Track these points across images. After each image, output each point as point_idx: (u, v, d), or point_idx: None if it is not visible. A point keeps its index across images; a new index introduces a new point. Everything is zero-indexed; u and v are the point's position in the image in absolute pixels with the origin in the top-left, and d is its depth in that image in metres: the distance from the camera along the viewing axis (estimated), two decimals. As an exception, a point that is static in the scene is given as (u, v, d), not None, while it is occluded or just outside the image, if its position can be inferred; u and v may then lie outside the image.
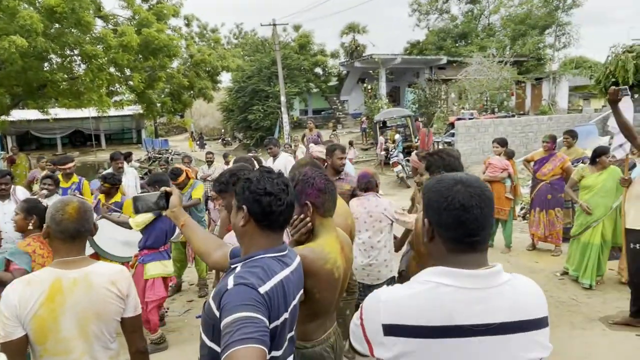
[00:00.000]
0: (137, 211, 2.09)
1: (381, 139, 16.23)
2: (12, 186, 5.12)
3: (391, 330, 1.16)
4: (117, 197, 5.05)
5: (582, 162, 6.28)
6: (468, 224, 1.18)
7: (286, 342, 1.56)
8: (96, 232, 2.02)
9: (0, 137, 24.60)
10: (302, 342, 1.95)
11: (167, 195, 2.08)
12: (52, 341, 1.73)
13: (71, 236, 1.82)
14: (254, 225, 1.53)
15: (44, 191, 4.89)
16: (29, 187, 7.02)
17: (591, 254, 5.15)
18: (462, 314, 1.14)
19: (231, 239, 2.02)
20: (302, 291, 1.71)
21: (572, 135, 6.84)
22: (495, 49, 23.73)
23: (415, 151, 6.82)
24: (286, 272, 1.53)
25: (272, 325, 1.39)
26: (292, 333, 1.63)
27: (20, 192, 5.32)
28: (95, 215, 4.54)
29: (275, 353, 1.47)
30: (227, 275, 1.45)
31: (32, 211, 2.90)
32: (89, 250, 4.50)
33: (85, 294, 1.78)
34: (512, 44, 26.85)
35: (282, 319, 1.45)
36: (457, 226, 1.19)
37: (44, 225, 1.86)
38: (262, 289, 1.37)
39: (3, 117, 14.87)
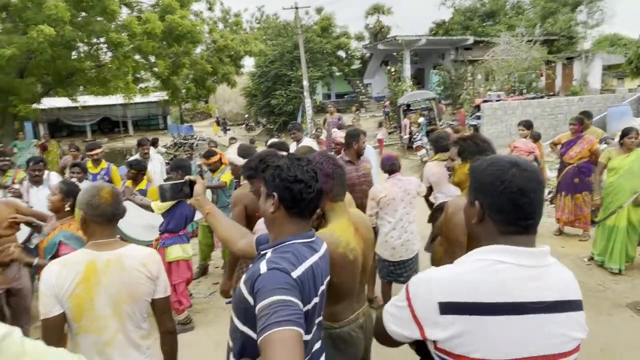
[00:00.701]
0: (163, 199, 2.13)
1: (405, 121, 16.04)
2: (46, 172, 5.33)
3: (448, 307, 1.15)
4: (143, 184, 5.16)
5: (606, 143, 6.09)
6: (525, 207, 1.20)
7: (315, 327, 1.58)
8: (123, 215, 2.09)
9: (33, 125, 25.41)
10: (329, 322, 2.03)
11: (192, 183, 2.11)
12: (87, 319, 1.83)
13: (108, 219, 1.93)
14: (284, 212, 1.55)
15: (74, 179, 5.06)
16: (61, 173, 7.27)
17: (617, 238, 5.03)
18: (521, 290, 1.16)
19: (262, 224, 2.07)
20: (329, 277, 1.74)
21: (587, 116, 6.64)
22: (524, 28, 22.93)
23: (452, 127, 6.77)
24: (315, 257, 1.55)
25: (304, 309, 1.41)
26: (320, 318, 1.66)
27: (55, 178, 5.53)
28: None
29: (306, 337, 1.48)
30: (258, 261, 1.48)
31: (70, 194, 2.96)
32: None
33: (118, 275, 1.87)
34: (542, 22, 25.90)
35: (312, 303, 1.48)
36: (512, 209, 1.20)
37: (80, 213, 1.93)
38: (295, 274, 1.39)
39: (34, 105, 15.32)
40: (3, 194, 5.01)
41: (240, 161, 3.76)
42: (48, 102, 22.26)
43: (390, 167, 4.07)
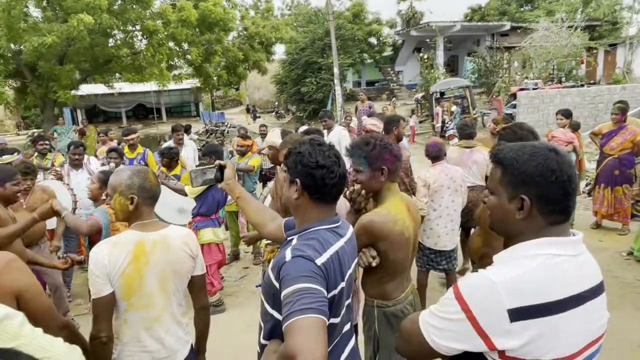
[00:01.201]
0: (194, 184, 2.17)
1: (437, 109, 15.77)
2: (86, 156, 5.52)
3: (519, 313, 1.07)
4: (177, 170, 5.27)
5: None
6: (573, 194, 1.18)
7: (344, 309, 1.60)
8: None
9: (71, 111, 26.29)
10: (382, 301, 2.14)
11: (222, 168, 2.13)
12: (136, 297, 1.90)
13: (156, 200, 2.04)
14: (308, 198, 1.55)
15: (111, 163, 5.22)
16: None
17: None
18: (577, 281, 1.14)
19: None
20: (356, 260, 1.74)
21: (624, 106, 6.34)
22: (564, 13, 22.01)
23: (492, 119, 6.65)
24: (341, 242, 1.55)
25: (330, 295, 1.42)
26: (349, 301, 1.67)
27: (94, 162, 5.73)
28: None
29: (334, 320, 1.51)
30: (284, 247, 1.50)
31: (107, 182, 3.09)
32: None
33: (165, 254, 1.94)
34: (584, 7, 24.77)
35: (339, 288, 1.49)
36: (564, 198, 1.17)
37: (131, 197, 1.95)
38: (319, 261, 1.40)
39: (73, 92, 15.83)
40: (43, 176, 5.22)
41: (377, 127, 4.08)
42: (86, 89, 22.98)
43: (437, 152, 3.97)
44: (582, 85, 17.47)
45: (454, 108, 15.29)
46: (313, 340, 1.19)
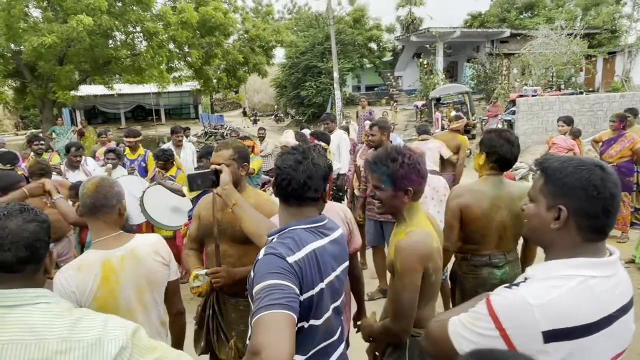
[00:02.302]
0: (191, 188, 2.11)
1: (437, 115, 15.79)
2: (83, 157, 5.49)
3: (553, 336, 1.09)
4: (173, 171, 5.19)
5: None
6: (613, 212, 1.17)
7: (329, 312, 1.57)
8: (125, 211, 1.98)
9: (70, 111, 26.24)
10: (416, 329, 1.84)
11: (217, 172, 2.06)
12: None
13: (89, 210, 1.86)
14: (283, 202, 1.64)
15: (109, 164, 5.18)
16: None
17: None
18: (610, 303, 1.15)
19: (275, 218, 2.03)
20: (346, 264, 1.71)
21: (632, 113, 6.34)
22: (564, 21, 22.11)
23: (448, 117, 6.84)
24: (321, 242, 1.55)
25: (306, 295, 1.42)
26: (337, 304, 1.64)
27: (91, 163, 5.70)
28: (149, 183, 4.75)
29: (314, 322, 1.50)
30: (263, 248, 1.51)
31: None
32: (140, 219, 4.75)
33: (136, 267, 1.85)
34: (584, 15, 24.90)
35: (317, 289, 1.47)
36: (604, 215, 1.16)
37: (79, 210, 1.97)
38: (291, 259, 1.40)
39: (72, 92, 15.81)
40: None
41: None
42: (85, 90, 22.96)
43: None
44: (581, 93, 17.51)
45: (453, 113, 15.32)
46: (278, 335, 1.19)
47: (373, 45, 28.90)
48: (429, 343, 1.36)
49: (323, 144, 4.82)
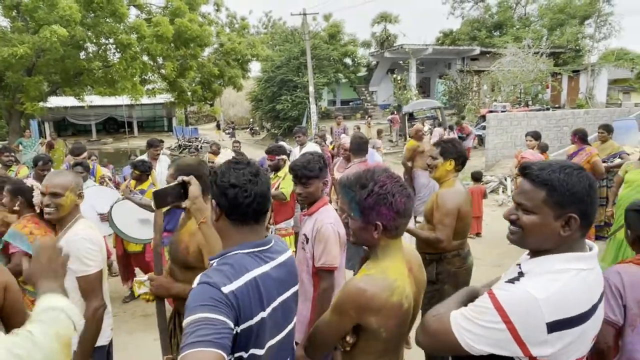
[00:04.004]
0: (157, 206, 1.95)
1: (411, 131, 16.09)
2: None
3: (556, 326, 1.17)
4: (145, 185, 5.05)
5: (620, 158, 6.06)
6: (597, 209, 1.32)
7: (273, 341, 1.48)
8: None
9: (39, 123, 25.53)
10: None
11: (186, 185, 1.91)
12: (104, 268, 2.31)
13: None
14: (226, 220, 1.47)
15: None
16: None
17: (626, 251, 4.99)
18: (596, 291, 1.27)
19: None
20: (295, 288, 1.60)
21: (606, 129, 6.61)
22: (531, 40, 23.01)
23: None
24: (264, 268, 1.45)
25: (244, 326, 1.33)
26: (283, 334, 1.54)
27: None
28: (120, 197, 4.68)
29: (256, 351, 1.40)
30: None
31: (17, 192, 2.92)
32: (107, 230, 4.66)
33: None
34: (550, 35, 25.97)
35: (257, 318, 1.38)
36: (594, 213, 1.28)
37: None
38: (227, 288, 1.30)
39: (41, 104, 15.41)
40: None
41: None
42: (55, 101, 22.39)
43: None
44: (547, 109, 18.17)
45: (425, 128, 15.65)
46: None
47: (348, 61, 29.33)
48: (427, 337, 1.39)
49: (283, 157, 4.83)
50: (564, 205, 1.23)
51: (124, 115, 29.47)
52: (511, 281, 1.27)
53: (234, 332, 1.29)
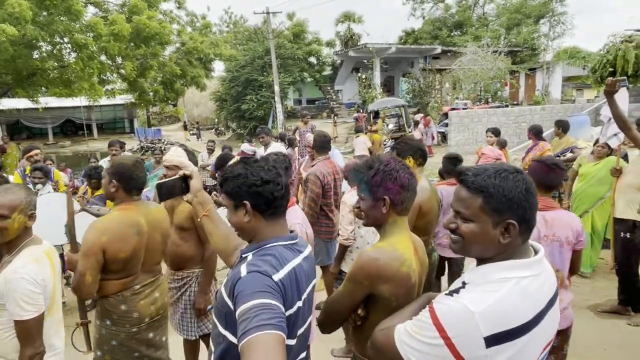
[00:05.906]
0: (161, 199, 1.97)
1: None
2: (5, 176, 5.09)
3: (495, 340, 1.12)
4: (102, 190, 4.93)
5: (571, 152, 6.31)
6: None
7: (301, 332, 1.52)
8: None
9: (-10, 126, 24.31)
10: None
11: (187, 178, 1.92)
12: (52, 303, 2.11)
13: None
14: (260, 217, 1.50)
15: (39, 185, 4.84)
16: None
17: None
18: (541, 299, 1.21)
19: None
20: (315, 281, 1.65)
21: (561, 125, 6.88)
22: (489, 39, 23.69)
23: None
24: (298, 259, 1.50)
25: (287, 313, 1.36)
26: (305, 325, 1.57)
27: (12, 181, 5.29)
28: (78, 208, 4.48)
29: (289, 341, 1.43)
30: (239, 265, 1.43)
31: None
32: (63, 239, 4.45)
33: (56, 259, 2.17)
34: (507, 34, 26.79)
35: (295, 307, 1.43)
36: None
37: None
38: (276, 277, 1.35)
39: (-8, 106, 14.67)
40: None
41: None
42: (7, 103, 21.38)
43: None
44: (506, 106, 18.76)
45: (390, 126, 15.85)
46: (272, 357, 1.15)
47: (313, 60, 29.34)
48: (375, 352, 1.36)
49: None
50: (501, 211, 1.19)
51: (82, 117, 28.46)
52: (452, 293, 1.22)
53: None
